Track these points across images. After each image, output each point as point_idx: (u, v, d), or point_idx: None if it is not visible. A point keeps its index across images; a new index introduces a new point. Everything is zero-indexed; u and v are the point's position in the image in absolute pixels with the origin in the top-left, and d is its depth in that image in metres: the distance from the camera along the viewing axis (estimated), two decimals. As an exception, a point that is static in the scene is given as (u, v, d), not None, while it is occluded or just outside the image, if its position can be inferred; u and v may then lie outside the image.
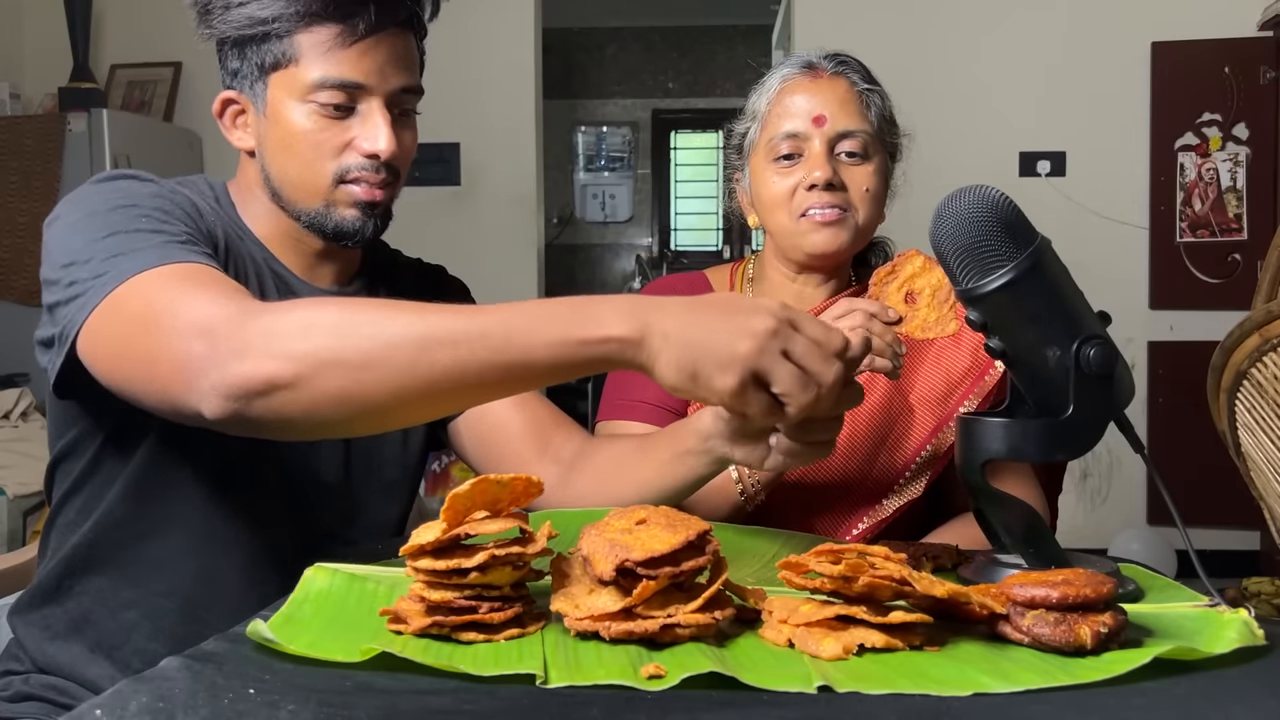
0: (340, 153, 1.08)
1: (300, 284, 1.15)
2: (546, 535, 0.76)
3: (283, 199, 1.12)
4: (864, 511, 1.26)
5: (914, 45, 3.92)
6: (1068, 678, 0.65)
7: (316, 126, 1.07)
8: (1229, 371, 1.61)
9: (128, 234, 0.96)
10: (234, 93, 1.12)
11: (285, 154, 1.09)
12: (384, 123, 1.08)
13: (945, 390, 1.27)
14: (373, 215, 1.11)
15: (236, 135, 1.14)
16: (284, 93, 1.08)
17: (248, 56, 1.09)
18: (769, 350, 0.77)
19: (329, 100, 1.06)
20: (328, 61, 1.06)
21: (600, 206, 7.01)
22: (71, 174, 3.78)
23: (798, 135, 1.26)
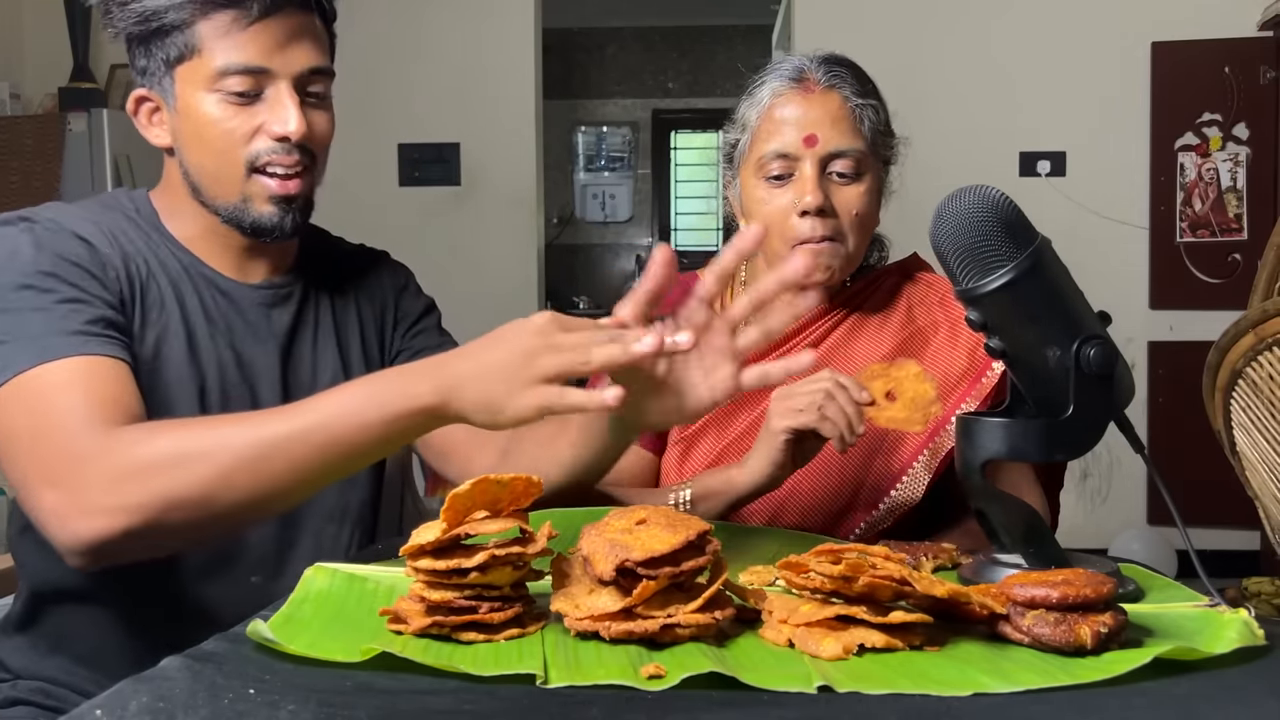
0: (250, 139, 1.07)
1: (231, 284, 1.15)
2: (546, 535, 0.76)
3: (202, 194, 1.11)
4: (860, 516, 1.25)
5: (914, 45, 3.92)
6: (1068, 678, 0.65)
7: (225, 114, 1.07)
8: (1224, 370, 1.61)
9: (9, 316, 0.98)
10: (145, 90, 1.11)
11: (198, 146, 1.09)
12: (292, 104, 1.07)
13: (942, 392, 1.26)
14: (290, 209, 1.10)
15: (154, 133, 1.13)
16: (191, 85, 1.07)
17: (153, 52, 1.08)
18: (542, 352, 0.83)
19: (235, 87, 1.06)
20: (229, 47, 1.05)
21: (600, 206, 7.01)
22: (71, 174, 3.78)
23: (788, 155, 1.23)
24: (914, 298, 1.33)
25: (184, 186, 1.12)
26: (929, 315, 1.31)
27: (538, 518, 0.83)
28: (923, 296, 1.33)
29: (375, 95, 4.19)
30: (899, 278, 1.35)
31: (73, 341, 0.97)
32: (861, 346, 1.29)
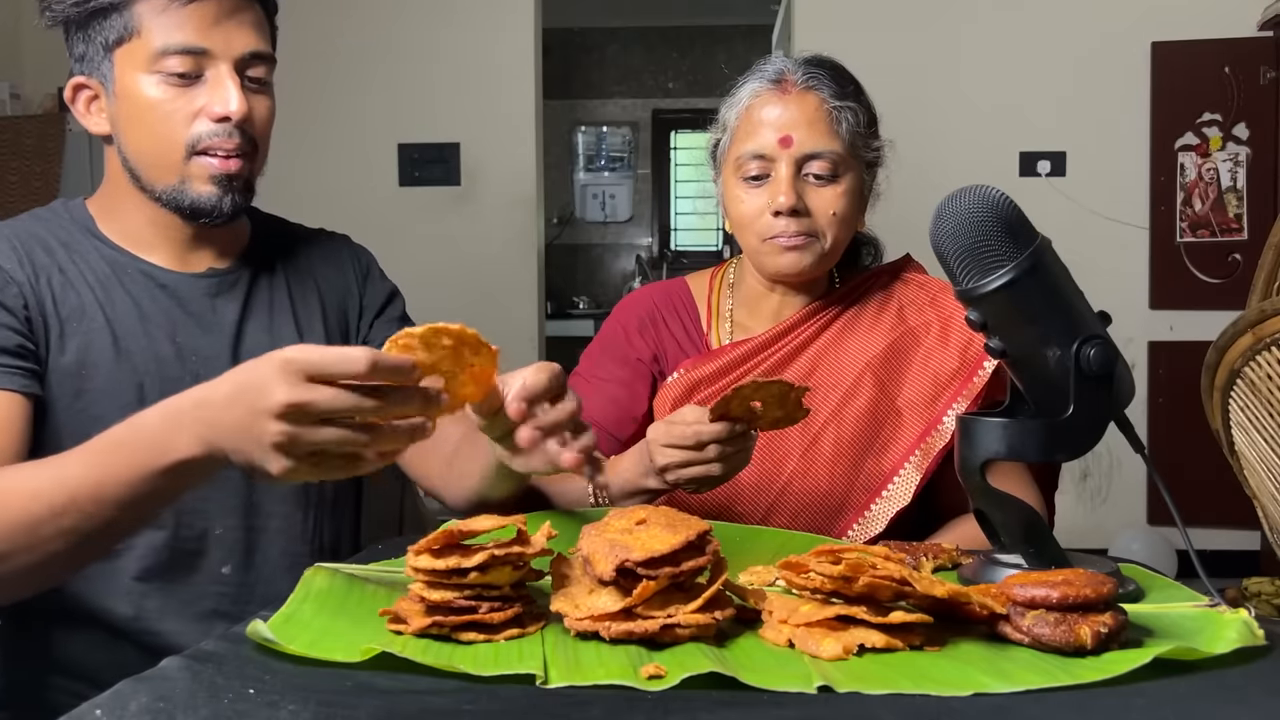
0: (191, 121, 1.07)
1: (172, 276, 1.14)
2: (546, 535, 0.76)
3: (140, 180, 1.10)
4: (852, 517, 1.25)
5: (914, 45, 3.92)
6: (1068, 678, 0.65)
7: (165, 96, 1.06)
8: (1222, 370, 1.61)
9: None
10: (84, 77, 1.10)
11: (137, 129, 1.08)
12: (233, 85, 1.07)
13: (933, 393, 1.26)
14: (230, 189, 1.09)
15: (92, 121, 1.12)
16: (130, 67, 1.06)
17: (91, 36, 1.07)
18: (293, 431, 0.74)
19: (175, 68, 1.05)
20: (167, 26, 1.05)
21: (600, 206, 7.00)
22: (71, 174, 3.78)
23: (765, 156, 1.23)
24: (905, 298, 1.33)
25: (123, 175, 1.11)
26: (920, 315, 1.31)
27: (536, 518, 0.83)
28: (914, 297, 1.32)
29: (375, 95, 4.19)
30: (890, 278, 1.35)
31: None
32: (853, 346, 1.29)
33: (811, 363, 1.29)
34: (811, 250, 1.24)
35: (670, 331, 1.35)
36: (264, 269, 1.20)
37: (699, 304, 1.38)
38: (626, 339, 1.36)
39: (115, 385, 1.08)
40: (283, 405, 0.73)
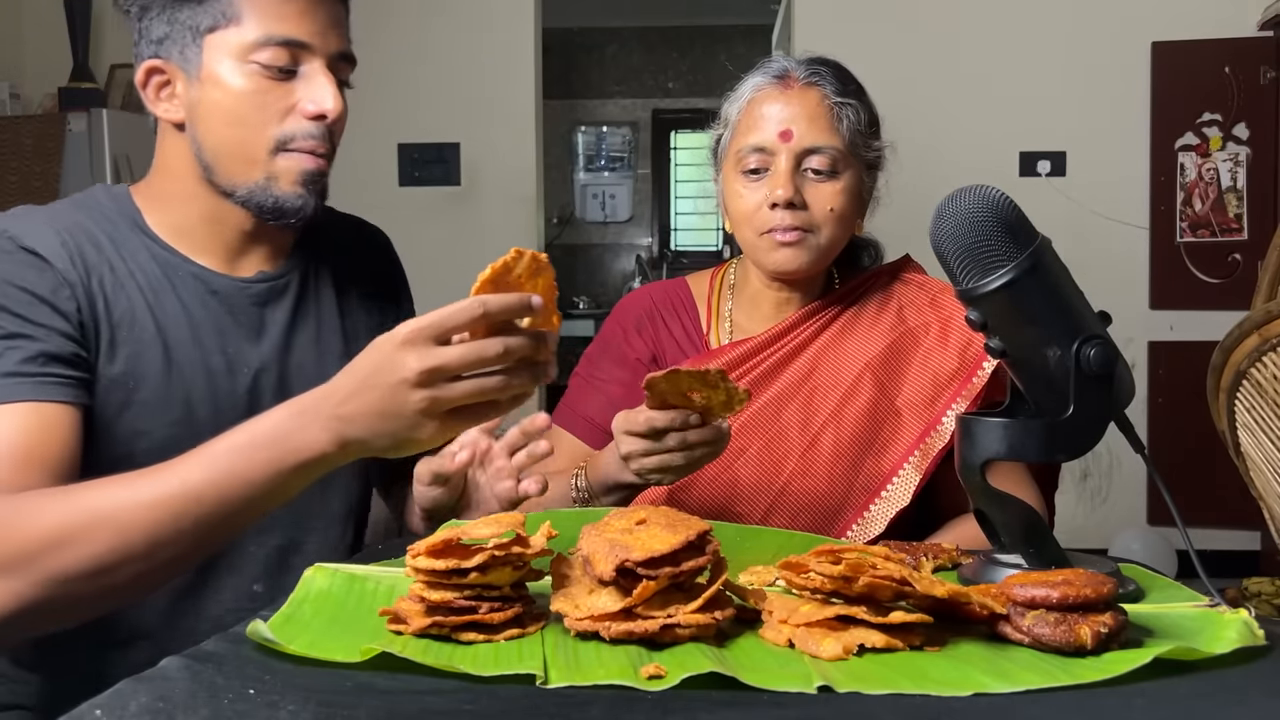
0: (283, 117, 1.03)
1: (222, 281, 1.09)
2: (546, 535, 0.76)
3: (215, 174, 1.05)
4: (852, 517, 1.25)
5: (914, 45, 3.92)
6: (1068, 678, 0.65)
7: (257, 88, 1.02)
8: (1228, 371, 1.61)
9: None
10: (160, 61, 1.05)
11: (223, 120, 1.03)
12: (329, 82, 1.04)
13: (933, 393, 1.26)
14: (315, 190, 1.06)
15: (162, 107, 1.07)
16: (222, 54, 1.02)
17: (179, 19, 1.03)
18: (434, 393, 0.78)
19: (272, 60, 1.02)
20: (270, 19, 1.01)
21: (600, 206, 7.00)
22: (71, 174, 3.78)
23: (764, 149, 1.23)
24: (905, 298, 1.33)
25: (189, 167, 1.07)
26: (920, 316, 1.31)
27: (536, 518, 0.83)
28: (913, 297, 1.32)
29: (375, 95, 4.19)
30: (890, 279, 1.35)
31: (3, 385, 0.92)
32: (852, 347, 1.29)
33: (811, 363, 1.29)
34: (807, 246, 1.24)
35: (669, 331, 1.35)
36: (311, 273, 1.17)
37: (699, 304, 1.38)
38: (625, 339, 1.36)
39: (163, 398, 1.04)
40: (419, 372, 0.77)
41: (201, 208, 1.08)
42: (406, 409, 0.78)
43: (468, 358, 0.77)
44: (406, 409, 0.78)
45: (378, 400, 0.79)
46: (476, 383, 0.78)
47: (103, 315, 1.02)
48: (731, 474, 1.25)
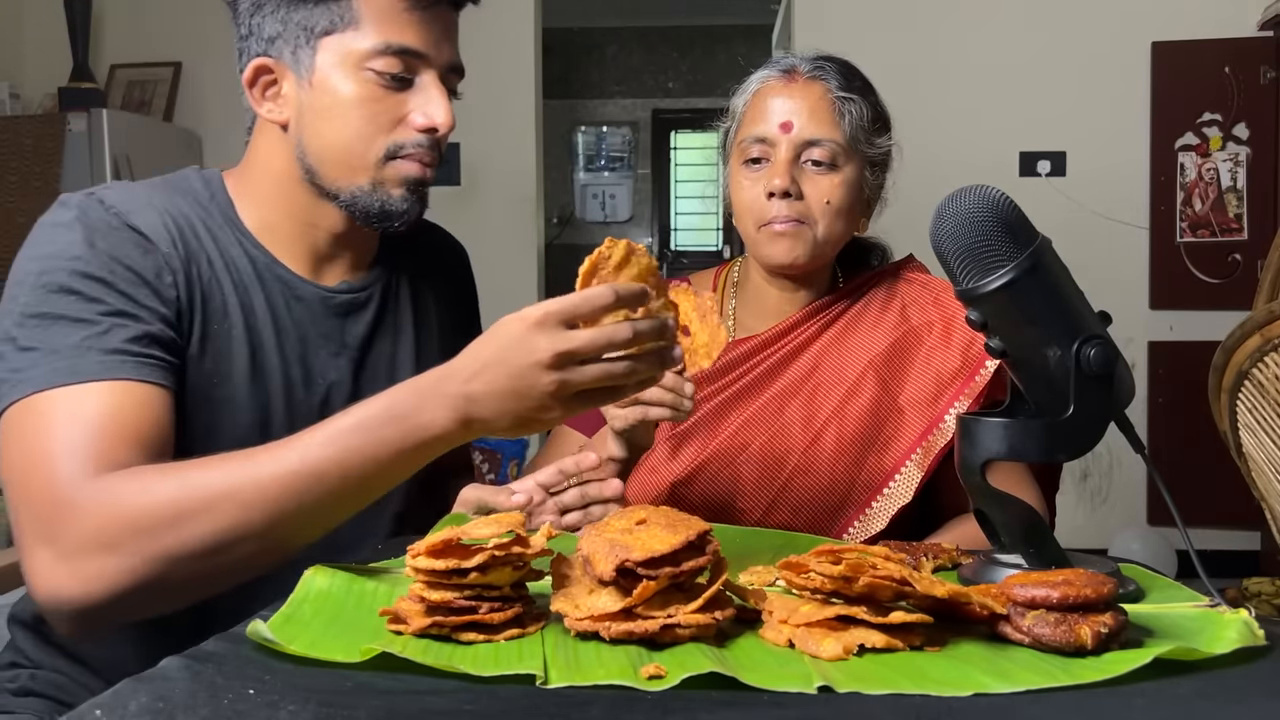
0: (394, 127, 1.02)
1: (308, 287, 1.07)
2: (546, 535, 0.76)
3: (320, 176, 1.03)
4: (853, 514, 1.25)
5: (914, 45, 3.92)
6: (1068, 678, 0.65)
7: (370, 96, 1.00)
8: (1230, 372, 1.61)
9: (48, 322, 0.91)
10: (269, 60, 1.03)
11: (332, 126, 1.01)
12: (441, 95, 1.02)
13: (935, 392, 1.26)
14: (420, 196, 1.05)
15: (266, 107, 1.04)
16: (335, 58, 1.00)
17: (293, 19, 1.01)
18: (564, 376, 0.80)
19: (387, 68, 1.00)
20: (389, 26, 0.99)
21: (600, 206, 7.00)
22: (71, 174, 3.78)
23: (765, 140, 1.25)
24: (908, 297, 1.33)
25: (289, 168, 1.04)
26: (923, 315, 1.31)
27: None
28: (916, 296, 1.33)
29: (375, 95, 4.19)
30: (893, 278, 1.35)
31: (107, 362, 0.90)
32: (855, 345, 1.29)
33: (814, 360, 1.29)
34: (803, 238, 1.24)
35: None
36: (393, 287, 1.15)
37: None
38: None
39: (244, 400, 1.02)
40: (552, 355, 0.78)
41: (295, 208, 1.06)
42: (535, 390, 0.79)
43: (598, 341, 0.79)
44: (535, 390, 0.79)
45: (506, 380, 0.80)
46: (605, 367, 0.80)
47: (198, 306, 1.00)
48: (734, 470, 1.26)
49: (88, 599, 0.83)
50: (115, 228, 0.97)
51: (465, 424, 0.82)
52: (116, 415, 0.89)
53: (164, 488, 0.83)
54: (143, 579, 0.82)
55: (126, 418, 0.89)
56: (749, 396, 1.29)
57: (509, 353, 0.80)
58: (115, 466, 0.86)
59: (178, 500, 0.82)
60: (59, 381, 0.88)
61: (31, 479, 0.86)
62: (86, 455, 0.85)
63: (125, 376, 0.90)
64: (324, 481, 0.83)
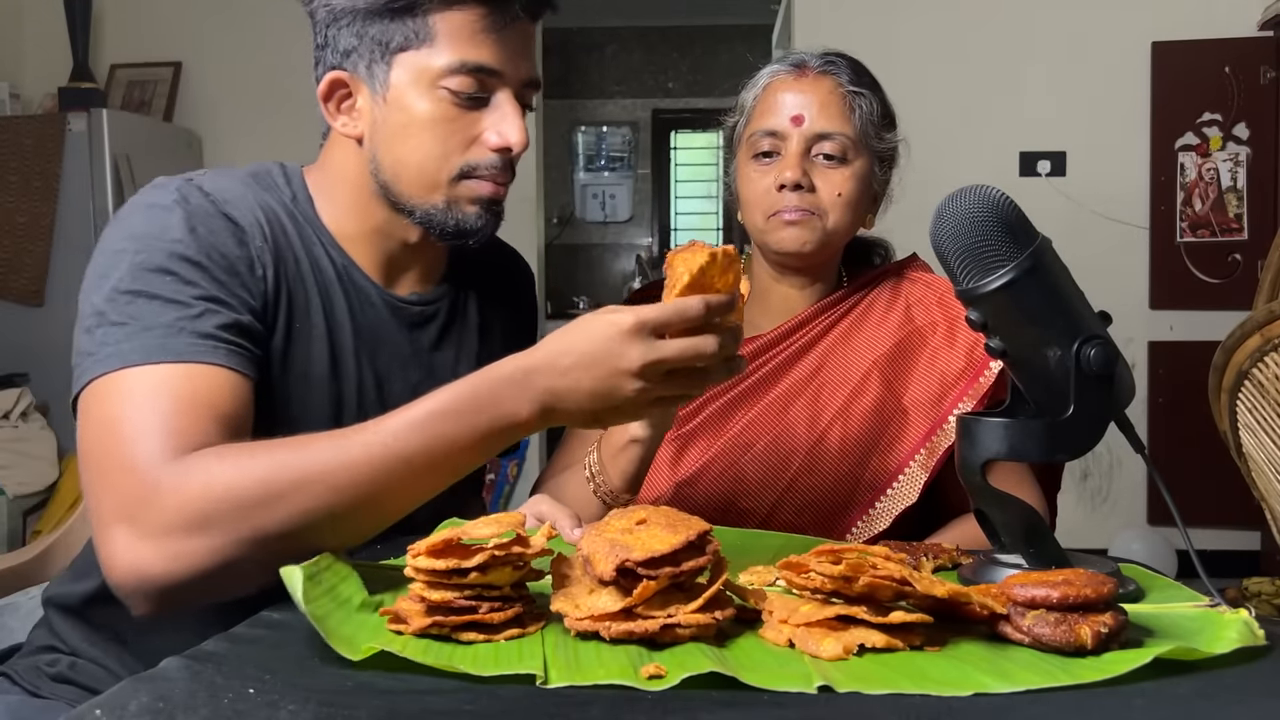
0: (468, 147, 1.01)
1: (382, 295, 1.08)
2: (546, 535, 0.76)
3: (393, 192, 1.03)
4: (857, 515, 1.25)
5: (914, 45, 3.92)
6: (1068, 678, 0.65)
7: (444, 115, 0.99)
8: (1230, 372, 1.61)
9: (142, 300, 0.90)
10: (345, 74, 1.02)
11: (406, 144, 1.01)
12: (516, 114, 1.01)
13: (939, 392, 1.26)
14: (494, 212, 1.04)
15: (341, 121, 1.04)
16: (410, 75, 0.99)
17: (369, 34, 1.00)
18: (650, 384, 0.83)
19: (461, 87, 0.99)
20: (464, 43, 0.98)
21: (600, 206, 7.00)
22: (71, 174, 3.78)
23: (776, 133, 1.25)
24: (912, 297, 1.33)
25: (364, 180, 1.04)
26: (927, 315, 1.31)
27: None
28: (921, 296, 1.33)
29: (375, 95, 4.19)
30: (897, 277, 1.35)
31: (198, 345, 0.89)
32: (860, 344, 1.29)
33: (819, 360, 1.29)
34: (813, 227, 1.24)
35: None
36: (460, 301, 1.15)
37: None
38: None
39: (320, 402, 1.01)
40: (642, 364, 0.81)
41: (370, 217, 1.06)
42: (619, 394, 0.83)
43: (686, 354, 0.82)
44: (619, 394, 0.83)
45: (593, 383, 0.82)
46: (688, 380, 0.84)
47: (284, 302, 1.00)
48: (738, 470, 1.26)
49: (172, 578, 0.82)
50: (213, 215, 0.97)
51: (545, 415, 0.85)
52: (204, 397, 0.88)
53: (255, 467, 0.83)
54: (229, 558, 0.81)
55: (213, 400, 0.89)
56: (754, 396, 1.29)
57: (599, 355, 0.82)
58: (199, 446, 0.85)
59: (269, 480, 0.82)
60: (150, 359, 0.88)
61: (113, 455, 0.85)
62: (172, 433, 0.85)
63: (215, 361, 0.90)
64: (411, 465, 0.83)
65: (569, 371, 0.83)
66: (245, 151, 4.31)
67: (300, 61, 3.95)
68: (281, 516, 0.81)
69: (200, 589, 0.83)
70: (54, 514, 3.55)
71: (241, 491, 0.81)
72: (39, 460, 3.63)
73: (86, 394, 0.89)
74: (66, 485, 3.63)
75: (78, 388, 0.90)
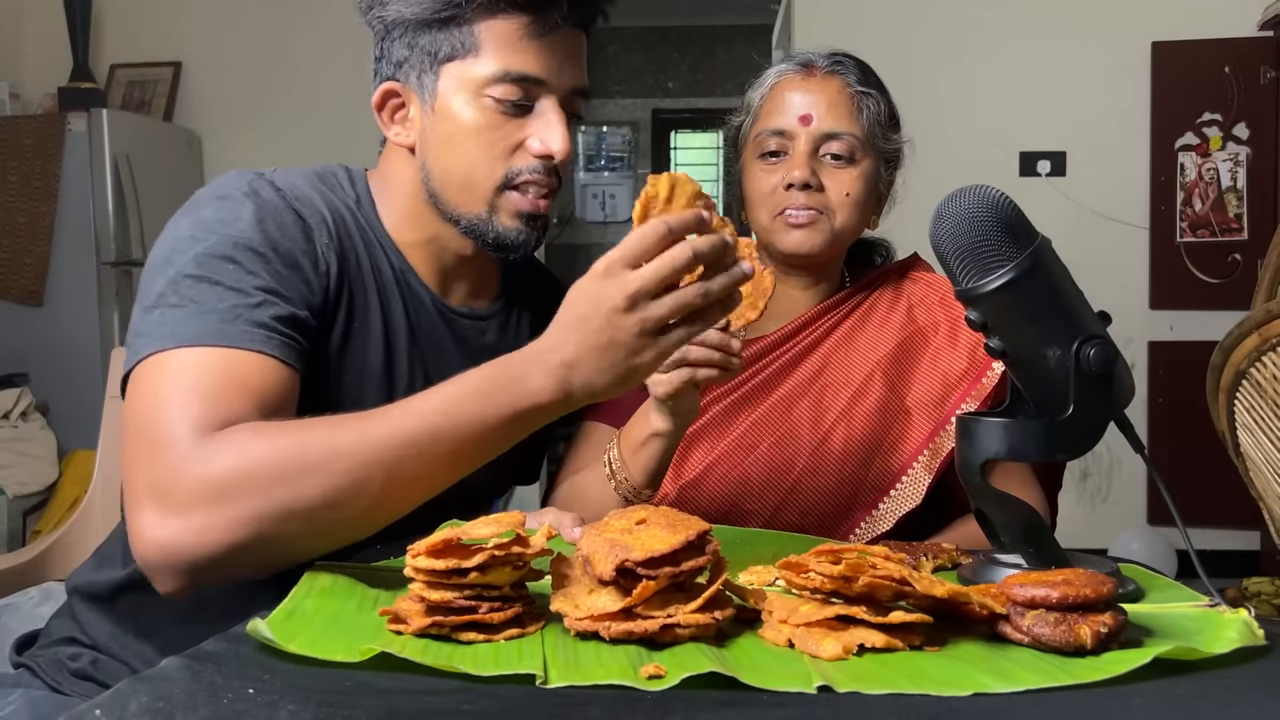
0: (511, 154, 1.02)
1: (434, 301, 1.09)
2: (546, 535, 0.76)
3: (442, 201, 1.04)
4: (860, 517, 1.25)
5: (914, 45, 3.92)
6: (1068, 678, 0.65)
7: (489, 123, 1.01)
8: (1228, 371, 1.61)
9: (204, 285, 0.92)
10: (397, 84, 1.04)
11: (451, 152, 1.02)
12: (559, 122, 1.02)
13: (942, 393, 1.26)
14: (535, 226, 1.05)
15: (394, 130, 1.06)
16: (456, 84, 1.01)
17: (419, 44, 1.02)
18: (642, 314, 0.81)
19: (505, 95, 1.00)
20: (509, 54, 0.99)
21: (600, 206, 7.00)
22: (71, 174, 3.78)
23: (784, 132, 1.24)
24: (914, 297, 1.33)
25: (418, 189, 1.06)
26: (929, 315, 1.31)
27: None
28: (923, 296, 1.32)
29: (375, 95, 4.19)
30: (899, 277, 1.35)
31: (253, 334, 0.90)
32: (862, 345, 1.29)
33: (822, 361, 1.29)
34: (820, 229, 1.24)
35: None
36: (509, 322, 1.16)
37: None
38: None
39: (372, 401, 0.98)
40: (625, 297, 0.80)
41: (425, 226, 1.07)
42: (621, 337, 0.81)
43: (662, 270, 0.80)
44: (621, 337, 0.81)
45: (594, 335, 0.82)
46: (677, 294, 0.81)
47: (345, 300, 1.01)
48: (742, 471, 1.25)
49: (198, 552, 0.82)
50: (282, 209, 0.98)
51: (565, 389, 0.84)
52: (249, 381, 0.89)
53: (284, 441, 0.83)
54: (258, 533, 0.82)
55: (257, 385, 0.89)
56: (757, 398, 1.28)
57: (586, 309, 0.82)
58: (234, 425, 0.86)
59: (297, 455, 0.82)
60: (203, 341, 0.89)
61: (150, 431, 0.86)
62: (209, 411, 0.85)
63: (265, 350, 0.91)
64: (439, 443, 0.84)
65: (570, 338, 0.83)
66: (245, 151, 4.31)
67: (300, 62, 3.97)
68: (309, 491, 0.82)
69: (228, 565, 0.83)
70: (54, 514, 3.55)
71: (271, 465, 0.82)
72: (39, 460, 3.63)
73: (137, 371, 0.90)
74: (66, 485, 3.63)
75: (129, 365, 0.91)
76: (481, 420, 0.84)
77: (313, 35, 4.33)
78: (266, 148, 4.28)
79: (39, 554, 1.44)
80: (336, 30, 4.29)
